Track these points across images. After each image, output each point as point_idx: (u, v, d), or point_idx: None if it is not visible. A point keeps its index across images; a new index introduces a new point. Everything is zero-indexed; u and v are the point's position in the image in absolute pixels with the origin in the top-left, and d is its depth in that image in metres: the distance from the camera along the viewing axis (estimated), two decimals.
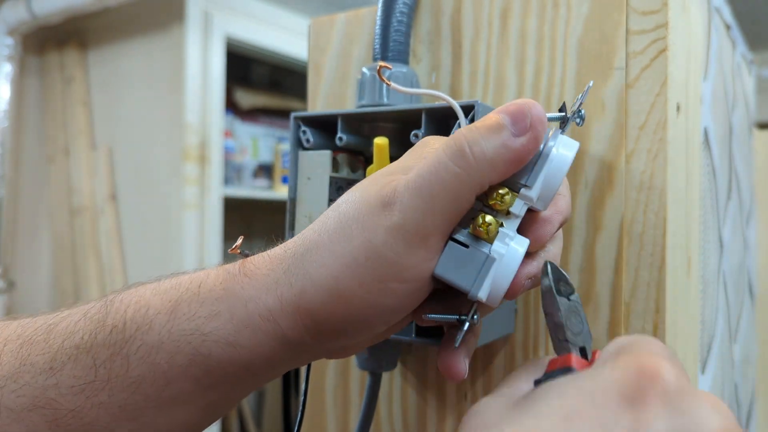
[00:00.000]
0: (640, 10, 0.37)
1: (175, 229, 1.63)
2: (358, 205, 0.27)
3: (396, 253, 0.26)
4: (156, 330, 0.27)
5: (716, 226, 0.55)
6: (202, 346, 0.27)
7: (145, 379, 0.27)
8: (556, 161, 0.27)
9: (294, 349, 0.28)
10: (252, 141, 2.11)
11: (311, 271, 0.27)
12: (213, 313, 0.27)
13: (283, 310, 0.27)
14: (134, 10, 1.72)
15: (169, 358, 0.27)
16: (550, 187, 0.28)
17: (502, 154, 0.26)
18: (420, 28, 0.45)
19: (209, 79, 1.67)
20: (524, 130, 0.27)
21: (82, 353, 0.27)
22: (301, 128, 0.41)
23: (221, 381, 0.28)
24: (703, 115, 0.46)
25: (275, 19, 1.90)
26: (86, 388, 0.27)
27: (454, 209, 0.27)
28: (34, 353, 0.27)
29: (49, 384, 0.27)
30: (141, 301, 0.28)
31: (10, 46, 1.79)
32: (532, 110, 0.27)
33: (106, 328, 0.27)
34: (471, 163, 0.26)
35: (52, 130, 1.87)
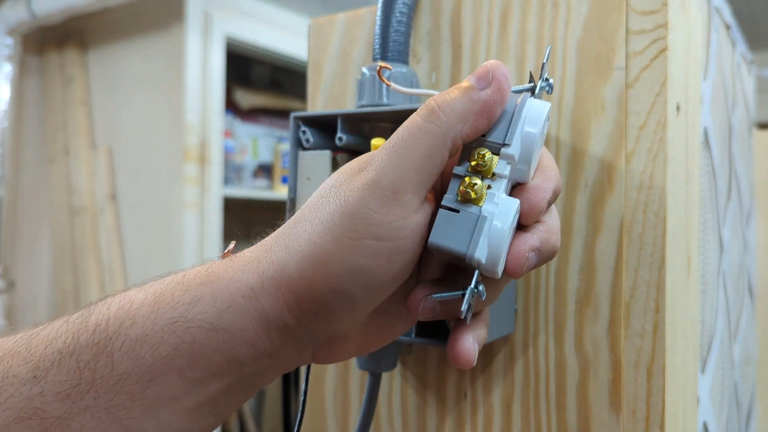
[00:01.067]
0: (640, 10, 0.37)
1: (175, 229, 1.63)
2: (336, 176, 0.29)
3: (369, 208, 0.27)
4: (140, 323, 0.27)
5: (716, 226, 0.55)
6: (186, 334, 0.27)
7: (130, 376, 0.26)
8: (529, 117, 0.28)
9: (276, 333, 0.28)
10: (252, 141, 2.11)
11: (290, 244, 0.28)
12: (196, 298, 0.27)
13: (263, 286, 0.27)
14: (134, 10, 1.72)
15: (153, 351, 0.26)
16: (529, 144, 0.28)
17: (470, 107, 0.28)
18: (420, 28, 0.45)
19: (209, 79, 1.67)
20: (487, 84, 0.28)
21: (65, 357, 0.26)
22: (301, 128, 0.41)
23: (206, 375, 0.27)
24: (703, 115, 0.46)
25: (275, 19, 1.90)
26: (72, 393, 0.26)
27: (428, 165, 0.27)
28: (15, 364, 0.26)
29: (33, 393, 0.26)
30: (125, 299, 0.28)
31: (10, 46, 1.79)
32: (494, 66, 0.28)
33: (89, 329, 0.27)
34: (441, 118, 0.28)
35: (52, 130, 1.87)
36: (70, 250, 1.82)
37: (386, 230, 0.27)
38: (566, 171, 0.39)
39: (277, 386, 2.07)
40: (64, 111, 1.84)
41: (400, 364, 0.45)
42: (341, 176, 0.29)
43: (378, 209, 0.27)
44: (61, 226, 1.84)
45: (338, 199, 0.27)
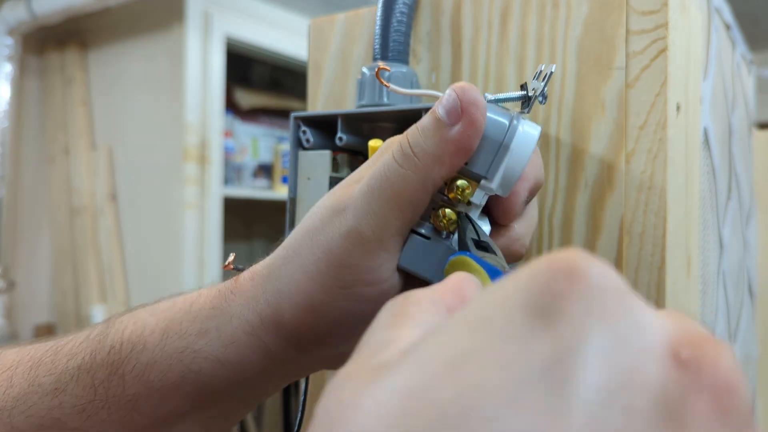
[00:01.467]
0: (640, 10, 0.37)
1: (175, 229, 1.63)
2: (316, 216, 0.28)
3: (355, 258, 0.26)
4: (150, 349, 0.28)
5: (716, 226, 0.55)
6: (192, 363, 0.28)
7: (140, 398, 0.28)
8: (516, 151, 0.27)
9: (281, 362, 0.29)
10: (252, 141, 2.11)
11: (283, 288, 0.28)
12: (203, 330, 0.28)
13: (263, 326, 0.28)
14: (134, 10, 1.72)
15: (161, 376, 0.28)
16: (512, 177, 0.27)
17: (444, 148, 0.26)
18: (420, 28, 0.45)
19: (209, 79, 1.67)
20: (457, 118, 0.26)
21: (83, 373, 0.28)
22: (301, 128, 0.41)
23: (214, 398, 0.28)
24: (703, 115, 0.46)
25: (275, 19, 1.90)
26: (87, 407, 0.28)
27: (408, 210, 0.27)
28: (41, 374, 0.28)
29: (54, 404, 0.28)
30: (138, 322, 0.29)
31: (10, 46, 1.79)
32: (462, 95, 0.26)
33: (104, 349, 0.28)
34: (416, 163, 0.26)
35: (52, 130, 1.87)
36: (70, 250, 1.82)
37: (375, 276, 0.27)
38: (566, 171, 0.39)
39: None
40: (64, 111, 1.84)
41: None
42: (321, 217, 0.28)
43: (363, 258, 0.27)
44: (61, 226, 1.84)
45: (323, 246, 0.27)
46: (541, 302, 0.13)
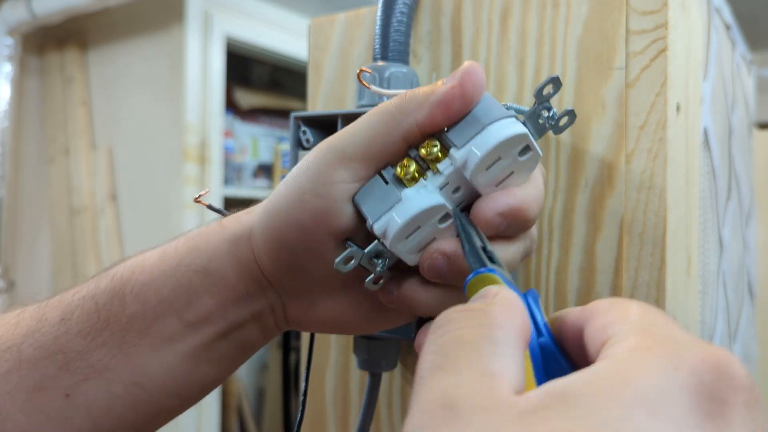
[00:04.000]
0: (640, 10, 0.37)
1: (175, 229, 1.63)
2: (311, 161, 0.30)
3: (317, 165, 0.29)
4: (148, 270, 0.31)
5: (716, 226, 0.55)
6: (183, 277, 0.30)
7: (137, 316, 0.30)
8: (489, 132, 0.28)
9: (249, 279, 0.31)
10: (252, 141, 2.11)
11: (267, 200, 0.31)
12: (193, 246, 0.31)
13: (242, 232, 0.31)
14: (134, 10, 1.72)
15: (156, 293, 0.30)
16: (475, 155, 0.28)
17: (428, 97, 0.28)
18: (420, 28, 0.45)
19: (209, 79, 1.67)
20: (451, 80, 0.28)
21: (87, 300, 0.31)
22: (301, 128, 0.41)
23: (199, 318, 0.31)
24: (703, 115, 0.46)
25: (275, 19, 1.90)
26: (91, 330, 0.30)
27: (379, 141, 0.29)
28: (48, 311, 0.31)
29: (60, 332, 0.30)
30: (141, 254, 0.32)
31: (10, 46, 1.79)
32: (465, 65, 0.29)
33: (108, 277, 0.31)
34: (402, 103, 0.29)
35: (52, 130, 1.87)
36: (70, 250, 1.82)
37: (326, 189, 0.29)
38: (566, 171, 0.39)
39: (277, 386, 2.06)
40: (64, 111, 1.84)
41: (400, 364, 0.45)
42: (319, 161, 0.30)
43: (324, 168, 0.29)
44: (61, 226, 1.84)
45: (303, 160, 0.30)
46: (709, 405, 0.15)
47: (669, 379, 0.15)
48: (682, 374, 0.15)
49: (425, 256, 0.29)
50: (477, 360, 0.17)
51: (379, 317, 0.32)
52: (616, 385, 0.16)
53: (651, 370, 0.16)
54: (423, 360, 0.18)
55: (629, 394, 0.15)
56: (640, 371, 0.16)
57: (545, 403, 0.16)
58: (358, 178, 0.29)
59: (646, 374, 0.16)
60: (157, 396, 0.31)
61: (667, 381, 0.15)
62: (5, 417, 0.29)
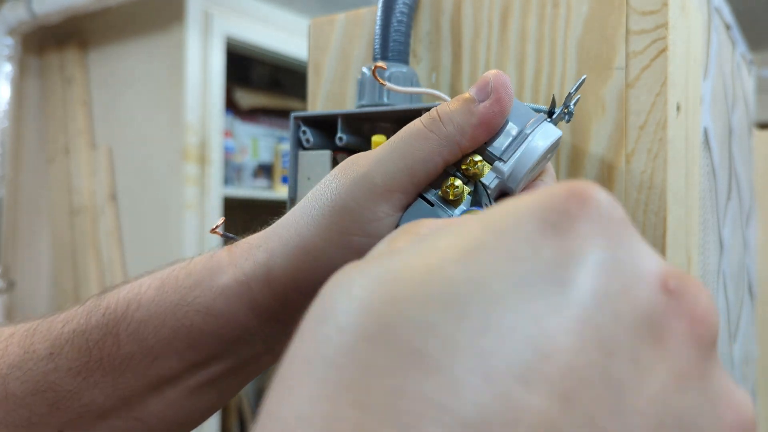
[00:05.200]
0: (640, 10, 0.37)
1: (175, 229, 1.63)
2: (333, 170, 0.29)
3: (359, 204, 0.27)
4: (144, 306, 0.28)
5: (716, 226, 0.54)
6: (185, 318, 0.28)
7: (134, 357, 0.28)
8: (534, 141, 0.28)
9: (266, 319, 0.29)
10: (252, 141, 2.11)
11: (283, 234, 0.28)
12: (197, 282, 0.29)
13: (255, 272, 0.28)
14: (134, 10, 1.72)
15: (155, 332, 0.28)
16: (523, 164, 0.28)
17: (468, 119, 0.28)
18: (420, 28, 0.45)
19: (209, 79, 1.67)
20: (486, 95, 0.28)
21: (78, 336, 0.28)
22: (301, 128, 0.41)
23: (205, 358, 0.29)
24: (703, 115, 0.46)
25: (275, 19, 1.90)
26: (82, 369, 0.28)
27: (422, 170, 0.28)
28: (36, 341, 0.29)
29: (49, 368, 0.28)
30: (135, 284, 0.30)
31: (10, 46, 1.79)
32: (493, 78, 0.28)
33: (100, 311, 0.29)
34: (441, 128, 0.28)
35: (52, 130, 1.87)
36: (70, 250, 1.81)
37: (375, 227, 0.27)
38: (566, 171, 0.39)
39: None
40: (65, 111, 1.84)
41: None
42: (337, 170, 0.29)
43: (367, 204, 0.27)
44: (61, 226, 1.84)
45: (330, 193, 0.28)
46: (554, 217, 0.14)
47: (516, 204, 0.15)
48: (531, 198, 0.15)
49: None
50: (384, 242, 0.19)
51: None
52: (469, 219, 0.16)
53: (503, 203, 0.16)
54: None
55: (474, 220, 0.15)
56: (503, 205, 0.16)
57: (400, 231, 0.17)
58: (401, 209, 0.28)
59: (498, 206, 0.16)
60: (159, 427, 0.29)
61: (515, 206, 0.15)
62: None
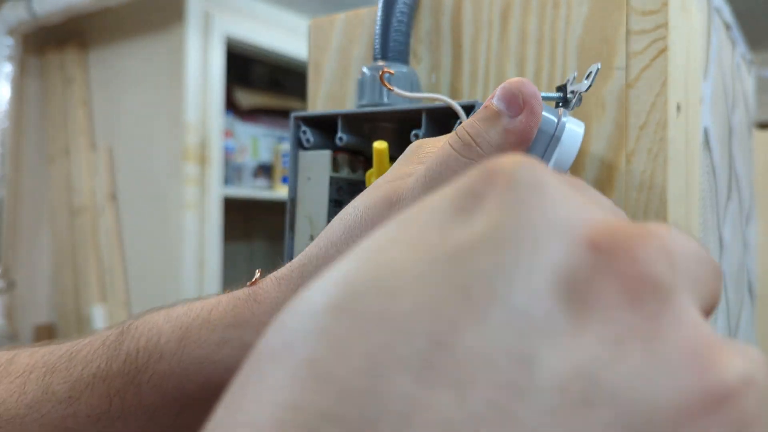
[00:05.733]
0: (640, 10, 0.37)
1: (175, 229, 1.63)
2: (363, 211, 0.27)
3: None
4: (166, 359, 0.27)
5: (716, 226, 0.54)
6: (213, 374, 0.27)
7: (158, 408, 0.27)
8: (566, 142, 0.28)
9: None
10: (252, 141, 2.11)
11: (303, 260, 0.27)
12: (224, 339, 0.27)
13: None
14: (134, 10, 1.72)
15: (179, 386, 0.27)
16: (562, 167, 0.28)
17: (506, 138, 0.27)
18: (420, 28, 0.45)
19: (209, 79, 1.67)
20: (519, 110, 0.27)
21: (98, 382, 0.27)
22: (301, 128, 0.41)
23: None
24: (703, 115, 0.46)
25: (275, 19, 1.90)
26: (102, 417, 0.27)
27: None
28: (55, 382, 0.27)
29: (68, 413, 0.27)
30: (153, 329, 0.28)
31: (10, 46, 1.79)
32: (522, 89, 0.27)
33: (120, 357, 0.27)
34: (479, 152, 0.26)
35: (52, 130, 1.87)
36: (70, 250, 1.81)
37: None
38: (566, 171, 0.39)
39: None
40: (65, 111, 1.84)
41: None
42: (369, 212, 0.27)
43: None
44: (61, 226, 1.84)
45: (358, 210, 0.26)
46: (464, 199, 0.14)
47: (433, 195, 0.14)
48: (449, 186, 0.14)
49: None
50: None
51: None
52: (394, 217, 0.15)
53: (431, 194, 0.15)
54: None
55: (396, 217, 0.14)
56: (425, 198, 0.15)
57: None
58: None
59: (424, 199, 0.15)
60: None
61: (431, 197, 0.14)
62: None
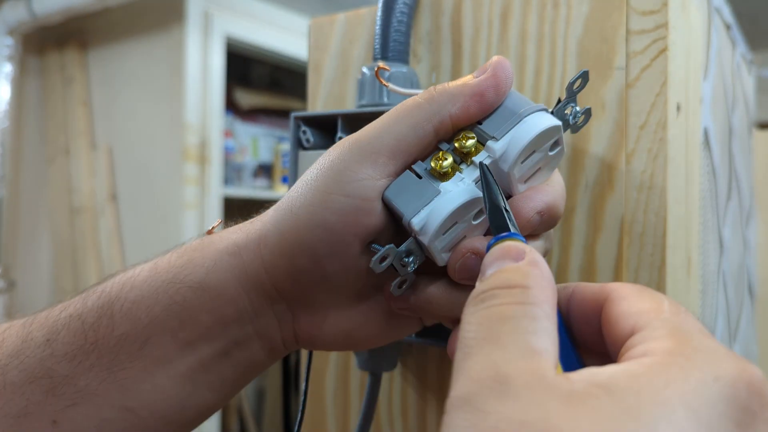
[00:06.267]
0: (640, 10, 0.37)
1: (175, 229, 1.63)
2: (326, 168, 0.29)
3: (344, 164, 0.28)
4: (137, 286, 0.29)
5: (716, 226, 0.55)
6: (176, 294, 0.28)
7: (128, 337, 0.28)
8: (527, 123, 0.28)
9: (255, 293, 0.29)
10: (252, 141, 2.11)
11: (278, 204, 0.29)
12: (189, 260, 0.29)
13: (247, 242, 0.29)
14: (134, 10, 1.72)
15: (148, 311, 0.28)
16: (515, 144, 0.28)
17: (461, 89, 0.28)
18: (420, 28, 0.45)
19: (209, 79, 1.67)
20: (483, 71, 0.28)
21: (74, 320, 0.29)
22: (301, 128, 0.41)
23: (196, 336, 0.29)
24: (703, 115, 0.46)
25: (275, 19, 1.90)
26: (78, 353, 0.28)
27: (410, 135, 0.28)
28: (35, 329, 0.29)
29: (45, 354, 0.28)
30: (130, 269, 0.30)
31: (10, 46, 1.79)
32: (494, 58, 0.29)
33: (96, 294, 0.29)
34: (433, 95, 0.28)
35: (52, 130, 1.87)
36: (70, 250, 1.81)
37: (355, 187, 0.27)
38: (566, 171, 0.39)
39: (277, 386, 2.07)
40: (65, 111, 1.84)
41: (400, 364, 0.45)
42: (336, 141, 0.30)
43: (351, 165, 0.28)
44: (61, 226, 1.84)
45: (323, 158, 0.29)
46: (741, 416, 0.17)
47: (709, 388, 0.17)
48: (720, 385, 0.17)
49: (456, 255, 0.28)
50: (521, 337, 0.19)
51: (388, 329, 0.31)
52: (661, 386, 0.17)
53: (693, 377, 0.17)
54: (466, 330, 0.20)
55: (672, 396, 0.17)
56: (683, 376, 0.17)
57: (591, 392, 0.17)
58: (386, 174, 0.28)
59: (688, 380, 0.17)
60: (151, 422, 0.29)
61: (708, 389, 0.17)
62: None
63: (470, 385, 0.18)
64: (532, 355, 0.18)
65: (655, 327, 0.20)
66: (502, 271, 0.22)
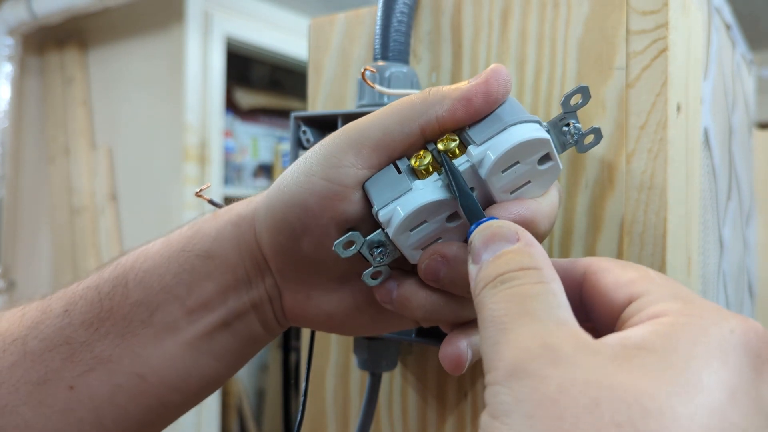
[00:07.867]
0: (640, 10, 0.37)
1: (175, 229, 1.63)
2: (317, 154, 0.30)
3: (331, 150, 0.29)
4: (151, 257, 0.31)
5: (716, 226, 0.55)
6: (186, 262, 0.30)
7: (140, 304, 0.30)
8: (509, 133, 0.28)
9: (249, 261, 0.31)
10: (252, 141, 2.11)
11: (275, 181, 0.31)
12: (198, 230, 0.31)
13: (246, 212, 0.31)
14: (134, 10, 1.72)
15: (159, 279, 0.30)
16: (493, 151, 0.27)
17: (451, 92, 0.29)
18: (420, 28, 0.45)
19: (209, 79, 1.67)
20: (477, 78, 0.29)
21: (91, 290, 0.31)
22: (301, 128, 0.41)
23: (200, 305, 0.30)
24: (703, 115, 0.46)
25: (275, 19, 1.90)
26: (94, 320, 0.30)
27: (396, 130, 0.29)
28: (54, 302, 0.31)
29: (64, 324, 0.30)
30: (145, 243, 0.32)
31: (10, 46, 1.79)
32: (491, 67, 0.29)
33: (111, 266, 0.31)
34: (426, 95, 0.29)
35: (52, 130, 1.87)
36: (70, 250, 1.81)
37: (336, 173, 0.28)
38: (566, 171, 0.39)
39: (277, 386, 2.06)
40: (65, 111, 1.84)
41: (400, 364, 0.45)
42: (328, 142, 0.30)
43: (336, 152, 0.29)
44: (61, 226, 1.84)
45: (318, 143, 0.30)
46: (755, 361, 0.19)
47: (728, 340, 0.19)
48: (737, 336, 0.19)
49: (424, 255, 0.28)
50: (552, 311, 0.20)
51: (381, 319, 0.32)
52: (690, 343, 0.19)
53: (713, 332, 0.19)
54: (493, 309, 0.21)
55: (704, 350, 0.19)
56: (704, 332, 0.19)
57: (632, 353, 0.19)
58: (368, 165, 0.29)
59: (710, 335, 0.19)
60: (159, 388, 0.30)
61: (727, 341, 0.19)
62: (10, 410, 0.29)
63: (521, 355, 0.19)
64: (566, 324, 0.20)
65: (654, 292, 0.22)
66: (506, 255, 0.23)
